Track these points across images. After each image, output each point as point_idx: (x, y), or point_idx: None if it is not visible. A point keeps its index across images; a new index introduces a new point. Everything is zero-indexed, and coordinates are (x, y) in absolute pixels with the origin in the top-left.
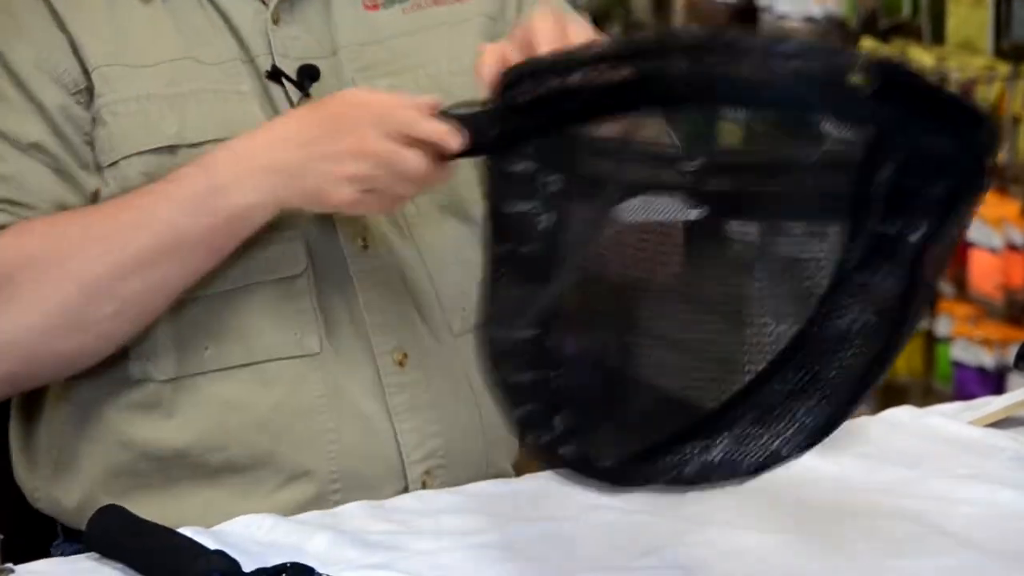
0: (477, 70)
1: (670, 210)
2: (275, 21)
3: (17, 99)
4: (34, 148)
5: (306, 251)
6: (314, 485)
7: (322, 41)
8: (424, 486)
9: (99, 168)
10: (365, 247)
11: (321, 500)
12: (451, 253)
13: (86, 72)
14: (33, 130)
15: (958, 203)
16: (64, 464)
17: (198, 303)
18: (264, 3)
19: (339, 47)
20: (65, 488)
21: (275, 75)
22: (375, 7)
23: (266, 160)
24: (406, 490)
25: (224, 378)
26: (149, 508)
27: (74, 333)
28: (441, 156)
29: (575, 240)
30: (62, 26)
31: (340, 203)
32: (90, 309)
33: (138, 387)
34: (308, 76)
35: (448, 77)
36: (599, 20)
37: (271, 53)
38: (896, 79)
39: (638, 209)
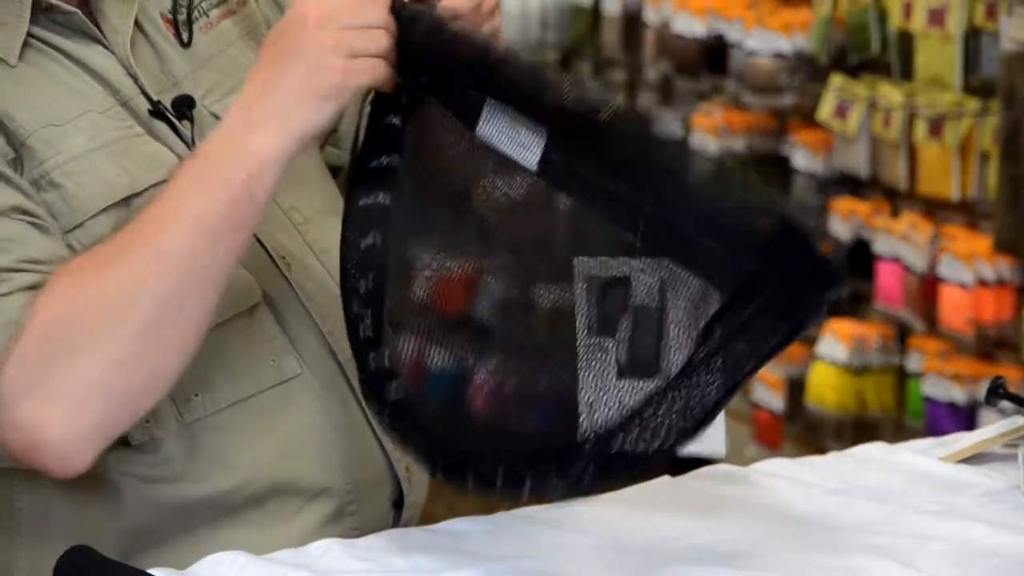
0: None
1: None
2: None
3: None
4: (15, 211)
5: (255, 279)
6: (333, 501)
7: (160, 77)
8: (409, 483)
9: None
10: (288, 264)
11: (339, 516)
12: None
13: (11, 144)
14: (8, 198)
15: (779, 349)
16: (61, 532)
17: None
18: (108, 49)
19: (178, 79)
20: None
21: (159, 112)
22: (176, 33)
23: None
24: (399, 487)
25: (225, 420)
26: (168, 561)
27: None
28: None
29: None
30: None
31: (343, 81)
32: (164, 320)
33: (145, 452)
34: (186, 105)
35: None
36: (570, 55)
37: (143, 93)
38: (794, 240)
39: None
